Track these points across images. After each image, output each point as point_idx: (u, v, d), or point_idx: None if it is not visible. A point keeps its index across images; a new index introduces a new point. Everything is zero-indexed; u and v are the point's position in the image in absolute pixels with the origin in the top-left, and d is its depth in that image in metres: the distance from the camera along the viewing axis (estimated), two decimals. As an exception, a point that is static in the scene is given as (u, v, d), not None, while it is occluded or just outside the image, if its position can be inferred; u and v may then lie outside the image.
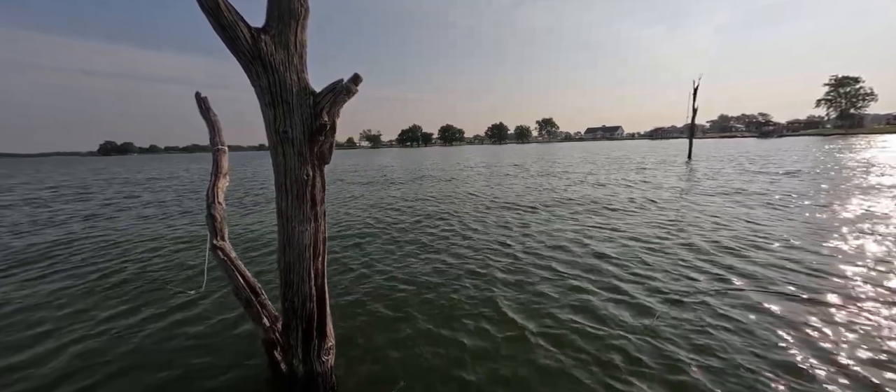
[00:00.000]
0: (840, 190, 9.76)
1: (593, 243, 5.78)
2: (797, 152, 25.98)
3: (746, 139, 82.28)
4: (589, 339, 3.10)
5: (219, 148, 3.84)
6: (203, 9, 1.92)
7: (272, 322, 2.76)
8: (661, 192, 10.74)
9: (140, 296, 4.24)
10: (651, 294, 3.87)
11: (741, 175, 14.12)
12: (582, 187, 12.55)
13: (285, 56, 2.11)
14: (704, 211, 7.86)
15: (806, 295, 3.72)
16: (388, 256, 5.49)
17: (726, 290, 3.91)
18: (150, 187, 16.95)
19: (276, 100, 2.08)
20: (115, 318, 3.74)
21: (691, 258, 4.93)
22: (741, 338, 3.01)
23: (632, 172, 17.08)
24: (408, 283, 4.39)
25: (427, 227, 7.40)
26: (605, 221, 7.26)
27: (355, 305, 3.86)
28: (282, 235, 2.26)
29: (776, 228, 6.20)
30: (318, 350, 2.38)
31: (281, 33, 2.11)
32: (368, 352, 3.03)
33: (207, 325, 3.52)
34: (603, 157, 29.90)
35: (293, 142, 2.12)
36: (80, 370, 2.89)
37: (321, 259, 2.37)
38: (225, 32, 1.95)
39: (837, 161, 18.07)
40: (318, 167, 2.24)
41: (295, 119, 2.11)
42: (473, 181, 15.81)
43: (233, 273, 2.84)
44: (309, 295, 2.29)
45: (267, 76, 2.05)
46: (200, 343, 3.24)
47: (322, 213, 2.31)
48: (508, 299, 3.89)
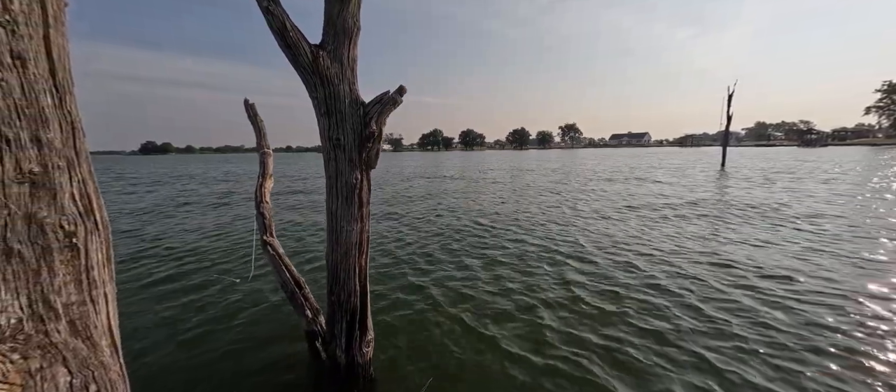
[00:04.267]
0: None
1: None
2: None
3: (785, 148, 77.53)
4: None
5: (264, 151, 4.15)
6: (271, 29, 2.15)
7: (314, 314, 2.97)
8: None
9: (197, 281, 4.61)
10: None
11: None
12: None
13: (339, 70, 2.31)
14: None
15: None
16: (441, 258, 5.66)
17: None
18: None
19: (330, 110, 2.28)
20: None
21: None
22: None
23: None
24: (451, 288, 4.52)
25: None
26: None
27: (396, 304, 4.03)
28: (331, 234, 2.46)
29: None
30: (359, 342, 2.56)
31: (335, 49, 2.31)
32: (403, 349, 3.19)
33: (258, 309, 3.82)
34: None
35: (345, 148, 2.31)
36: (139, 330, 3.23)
37: (365, 257, 2.55)
38: (289, 50, 2.17)
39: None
40: (365, 172, 2.42)
41: (346, 127, 2.31)
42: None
43: (280, 268, 3.08)
44: (354, 290, 2.48)
45: (324, 89, 2.26)
46: (247, 329, 3.51)
47: (367, 214, 2.49)
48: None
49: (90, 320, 0.90)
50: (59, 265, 0.84)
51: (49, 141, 0.82)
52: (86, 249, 0.90)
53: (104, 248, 0.96)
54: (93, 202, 0.93)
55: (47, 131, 0.82)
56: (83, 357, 0.87)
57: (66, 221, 0.85)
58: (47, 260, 0.82)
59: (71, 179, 0.87)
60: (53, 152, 0.83)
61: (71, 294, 0.87)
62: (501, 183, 17.11)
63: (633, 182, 15.99)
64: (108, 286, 0.96)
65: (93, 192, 0.93)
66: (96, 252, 0.93)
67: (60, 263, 0.84)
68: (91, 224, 0.91)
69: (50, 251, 0.82)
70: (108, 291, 0.96)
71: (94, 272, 0.92)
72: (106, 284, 0.96)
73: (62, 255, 0.85)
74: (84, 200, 0.90)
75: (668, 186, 14.28)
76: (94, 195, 0.93)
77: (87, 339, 0.89)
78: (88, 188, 0.92)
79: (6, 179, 0.76)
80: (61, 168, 0.85)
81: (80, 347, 0.87)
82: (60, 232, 0.84)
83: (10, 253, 0.76)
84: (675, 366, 2.85)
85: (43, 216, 0.81)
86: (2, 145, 0.75)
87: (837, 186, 12.81)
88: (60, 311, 0.84)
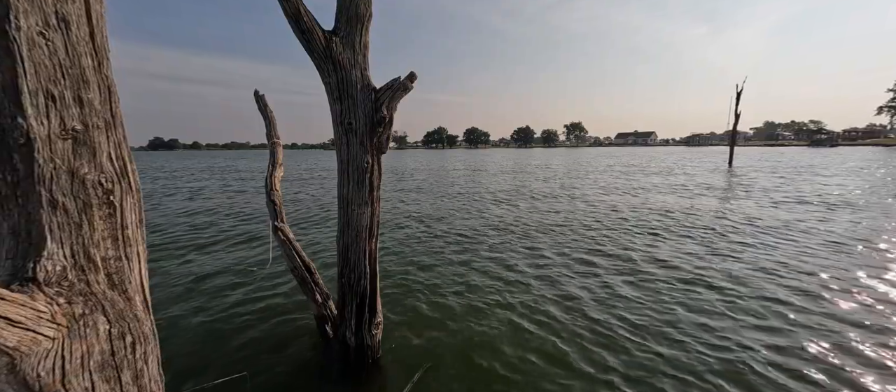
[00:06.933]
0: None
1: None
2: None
3: (793, 148, 76.57)
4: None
5: (274, 142, 4.20)
6: (286, 15, 2.19)
7: (324, 299, 3.03)
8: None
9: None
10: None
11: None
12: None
13: (352, 55, 2.35)
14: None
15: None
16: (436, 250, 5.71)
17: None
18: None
19: (343, 95, 2.32)
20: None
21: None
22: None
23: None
24: (454, 277, 4.58)
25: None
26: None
27: (404, 292, 4.09)
28: (342, 218, 2.50)
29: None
30: (369, 324, 2.61)
31: (348, 35, 2.35)
32: (407, 332, 3.24)
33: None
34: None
35: (356, 132, 2.35)
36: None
37: (375, 240, 2.59)
38: (303, 36, 2.21)
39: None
40: (376, 156, 2.46)
41: (358, 112, 2.35)
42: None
43: (291, 253, 3.14)
44: (364, 272, 2.52)
45: (336, 74, 2.30)
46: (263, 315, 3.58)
47: (378, 198, 2.53)
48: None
49: (125, 275, 0.94)
50: (98, 220, 0.89)
51: (89, 101, 0.87)
52: (121, 208, 0.94)
53: (137, 210, 1.00)
54: (127, 165, 0.97)
55: (88, 91, 0.86)
56: (120, 309, 0.91)
57: (104, 179, 0.90)
58: (88, 214, 0.86)
59: (108, 140, 0.92)
60: (93, 112, 0.88)
61: (108, 249, 0.91)
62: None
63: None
64: (140, 245, 1.01)
65: (127, 154, 0.97)
66: (130, 211, 0.97)
67: (99, 219, 0.89)
68: (126, 185, 0.96)
69: (90, 206, 0.87)
70: (140, 251, 1.01)
71: (128, 231, 0.96)
72: (139, 243, 1.00)
73: (101, 211, 0.89)
74: (120, 162, 0.95)
75: (669, 196, 12.66)
76: (128, 158, 0.98)
77: (123, 293, 0.93)
78: (123, 151, 0.96)
79: (52, 134, 0.80)
80: (100, 128, 0.89)
81: (118, 299, 0.91)
82: (99, 188, 0.89)
83: (55, 204, 0.81)
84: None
85: (84, 172, 0.86)
86: (49, 102, 0.79)
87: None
88: (99, 263, 0.89)
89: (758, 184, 13.47)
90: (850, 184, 12.94)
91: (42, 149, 0.78)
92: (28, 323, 0.70)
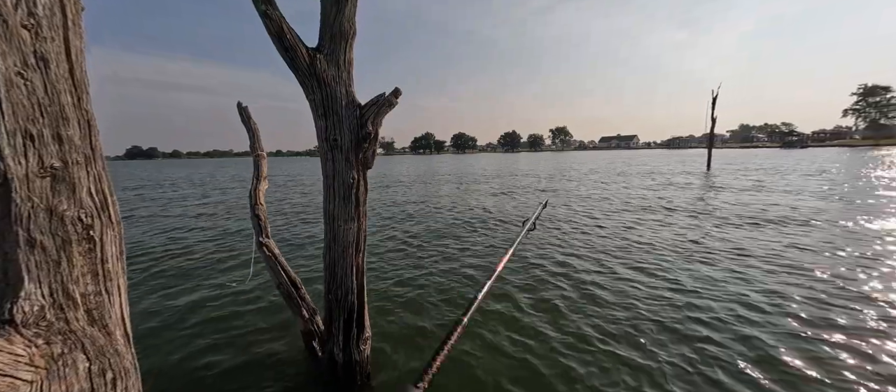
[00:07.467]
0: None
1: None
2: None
3: (767, 150, 79.74)
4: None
5: (259, 154, 4.15)
6: (269, 32, 2.20)
7: (311, 314, 2.99)
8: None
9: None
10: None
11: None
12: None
13: (336, 72, 2.36)
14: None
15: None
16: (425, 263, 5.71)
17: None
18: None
19: (328, 112, 2.33)
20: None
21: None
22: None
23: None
24: (441, 289, 4.59)
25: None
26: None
27: (392, 305, 4.07)
28: (328, 233, 2.49)
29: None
30: (357, 339, 2.59)
31: (332, 52, 2.37)
32: (398, 347, 3.23)
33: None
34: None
35: (342, 148, 2.36)
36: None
37: (361, 256, 2.59)
38: (287, 53, 2.22)
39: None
40: (362, 172, 2.47)
41: (343, 128, 2.36)
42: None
43: (277, 268, 3.10)
44: (351, 288, 2.52)
45: (321, 91, 2.31)
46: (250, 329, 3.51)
47: (364, 213, 2.54)
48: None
49: (106, 310, 0.94)
50: (78, 256, 0.88)
51: (69, 137, 0.86)
52: (101, 242, 0.94)
53: (118, 243, 0.99)
54: (108, 198, 0.97)
55: (67, 128, 0.86)
56: (100, 345, 0.90)
57: (84, 214, 0.89)
58: (67, 251, 0.86)
59: (88, 174, 0.91)
60: (72, 148, 0.87)
61: (88, 284, 0.90)
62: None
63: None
64: (121, 279, 1.00)
65: (107, 188, 0.97)
66: (111, 245, 0.96)
67: (79, 255, 0.88)
68: (106, 218, 0.96)
69: (69, 243, 0.86)
70: (121, 284, 1.00)
71: (108, 264, 0.96)
72: (119, 277, 0.99)
73: (80, 247, 0.89)
74: (100, 195, 0.94)
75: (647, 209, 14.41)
76: (109, 191, 0.97)
77: (104, 329, 0.93)
78: (103, 184, 0.96)
79: (30, 173, 0.80)
80: (79, 163, 0.89)
81: (98, 336, 0.90)
82: (79, 224, 0.88)
83: (32, 244, 0.80)
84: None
85: (63, 209, 0.85)
86: (26, 141, 0.79)
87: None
88: (79, 300, 0.88)
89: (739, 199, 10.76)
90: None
91: (19, 188, 0.78)
92: (5, 368, 0.69)
